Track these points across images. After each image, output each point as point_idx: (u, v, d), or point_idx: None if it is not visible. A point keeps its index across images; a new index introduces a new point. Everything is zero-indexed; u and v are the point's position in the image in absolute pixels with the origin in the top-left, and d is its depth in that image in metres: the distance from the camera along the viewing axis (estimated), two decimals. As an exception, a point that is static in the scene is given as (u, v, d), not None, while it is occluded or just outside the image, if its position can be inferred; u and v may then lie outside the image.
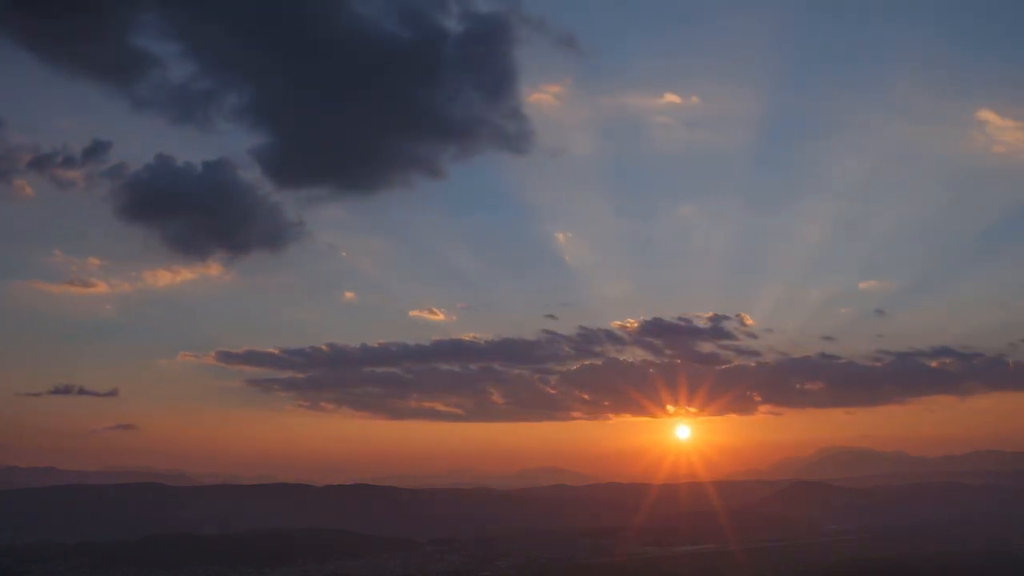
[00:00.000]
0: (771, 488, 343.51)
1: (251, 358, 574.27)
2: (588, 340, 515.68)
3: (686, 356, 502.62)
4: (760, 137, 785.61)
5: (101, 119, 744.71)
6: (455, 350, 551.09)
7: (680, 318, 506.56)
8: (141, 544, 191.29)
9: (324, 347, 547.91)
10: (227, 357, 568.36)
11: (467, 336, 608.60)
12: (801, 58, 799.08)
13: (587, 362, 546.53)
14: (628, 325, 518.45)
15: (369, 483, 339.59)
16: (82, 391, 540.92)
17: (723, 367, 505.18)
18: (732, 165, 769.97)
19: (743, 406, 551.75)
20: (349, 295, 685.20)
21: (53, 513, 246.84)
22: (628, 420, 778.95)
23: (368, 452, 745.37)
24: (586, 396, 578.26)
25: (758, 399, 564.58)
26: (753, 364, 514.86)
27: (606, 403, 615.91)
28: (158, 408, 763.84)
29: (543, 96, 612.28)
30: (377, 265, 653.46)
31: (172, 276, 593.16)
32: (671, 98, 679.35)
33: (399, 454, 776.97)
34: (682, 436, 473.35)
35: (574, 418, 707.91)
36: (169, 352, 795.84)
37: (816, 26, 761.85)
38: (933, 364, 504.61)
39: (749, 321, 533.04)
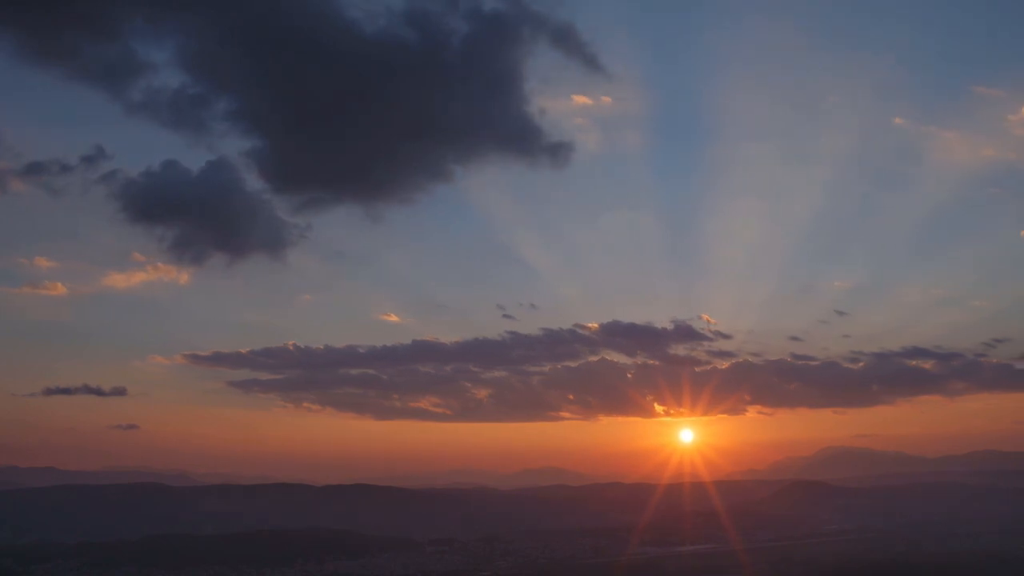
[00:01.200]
0: (771, 488, 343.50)
1: (221, 359, 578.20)
2: (557, 342, 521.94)
3: (661, 358, 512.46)
4: (676, 139, 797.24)
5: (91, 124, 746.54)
6: (427, 352, 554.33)
7: (647, 321, 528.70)
8: (141, 544, 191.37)
9: (291, 347, 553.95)
10: (196, 359, 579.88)
11: (429, 337, 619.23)
12: (716, 59, 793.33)
13: (563, 364, 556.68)
14: (591, 327, 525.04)
15: (369, 483, 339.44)
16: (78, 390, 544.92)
17: (702, 368, 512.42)
18: (654, 167, 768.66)
19: (733, 406, 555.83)
20: (306, 298, 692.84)
21: (53, 513, 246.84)
22: (619, 420, 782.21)
23: (356, 452, 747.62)
24: (571, 396, 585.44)
25: (747, 399, 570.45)
26: (727, 365, 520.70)
27: (593, 403, 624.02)
28: (148, 409, 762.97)
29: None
30: (329, 269, 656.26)
31: (127, 279, 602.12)
32: (581, 99, 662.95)
33: (388, 453, 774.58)
34: (675, 437, 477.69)
35: (563, 418, 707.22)
36: (139, 354, 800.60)
37: (728, 24, 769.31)
38: (911, 364, 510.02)
39: (712, 322, 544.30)
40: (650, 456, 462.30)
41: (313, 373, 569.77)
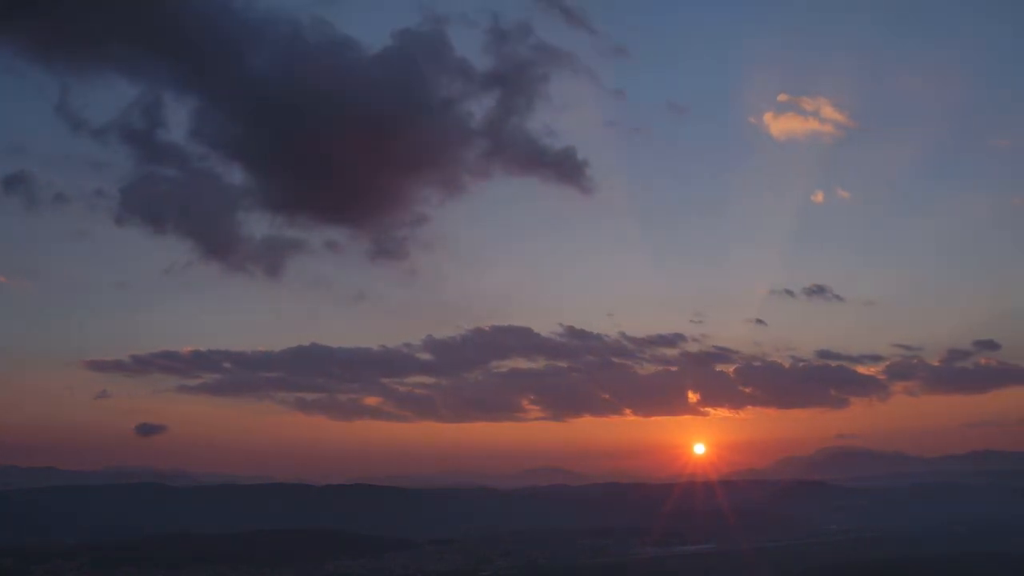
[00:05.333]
0: (771, 488, 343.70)
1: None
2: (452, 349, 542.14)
3: (590, 363, 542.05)
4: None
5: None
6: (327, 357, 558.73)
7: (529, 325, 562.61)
8: (141, 544, 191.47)
9: (187, 352, 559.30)
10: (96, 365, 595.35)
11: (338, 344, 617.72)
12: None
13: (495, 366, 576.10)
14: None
15: (369, 483, 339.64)
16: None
17: (645, 371, 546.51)
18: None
19: (691, 407, 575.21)
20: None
21: (53, 513, 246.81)
22: (591, 421, 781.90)
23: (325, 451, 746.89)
24: (531, 398, 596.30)
25: (711, 400, 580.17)
26: (653, 369, 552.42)
27: (555, 404, 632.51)
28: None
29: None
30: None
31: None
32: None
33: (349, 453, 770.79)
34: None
35: (526, 419, 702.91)
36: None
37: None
38: (828, 366, 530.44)
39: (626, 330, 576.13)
40: (640, 456, 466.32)
41: (243, 377, 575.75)
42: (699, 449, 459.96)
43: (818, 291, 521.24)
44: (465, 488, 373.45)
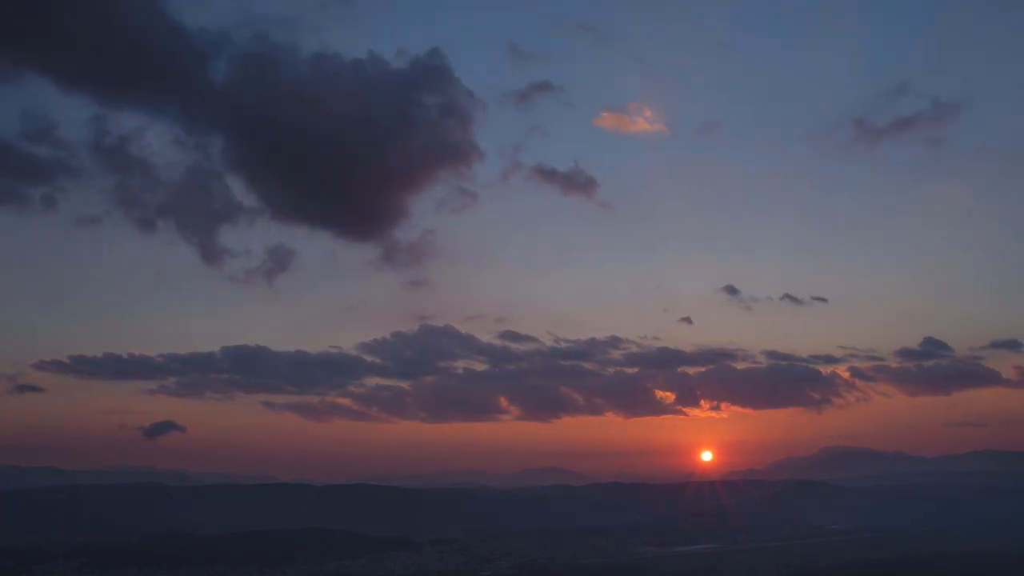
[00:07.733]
0: (771, 488, 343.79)
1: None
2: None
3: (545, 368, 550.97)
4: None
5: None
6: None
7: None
8: (141, 544, 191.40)
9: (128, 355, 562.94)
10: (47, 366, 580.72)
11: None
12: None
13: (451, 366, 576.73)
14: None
15: (369, 483, 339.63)
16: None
17: (615, 371, 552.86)
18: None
19: (664, 407, 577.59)
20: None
21: (53, 513, 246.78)
22: (572, 421, 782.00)
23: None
24: (506, 399, 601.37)
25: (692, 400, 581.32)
26: (613, 371, 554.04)
27: (527, 405, 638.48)
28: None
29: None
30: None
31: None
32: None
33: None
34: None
35: (512, 419, 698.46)
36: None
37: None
38: (781, 366, 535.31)
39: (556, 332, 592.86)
40: (634, 456, 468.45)
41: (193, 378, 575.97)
42: (695, 449, 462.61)
43: (732, 292, 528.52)
44: (465, 488, 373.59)
